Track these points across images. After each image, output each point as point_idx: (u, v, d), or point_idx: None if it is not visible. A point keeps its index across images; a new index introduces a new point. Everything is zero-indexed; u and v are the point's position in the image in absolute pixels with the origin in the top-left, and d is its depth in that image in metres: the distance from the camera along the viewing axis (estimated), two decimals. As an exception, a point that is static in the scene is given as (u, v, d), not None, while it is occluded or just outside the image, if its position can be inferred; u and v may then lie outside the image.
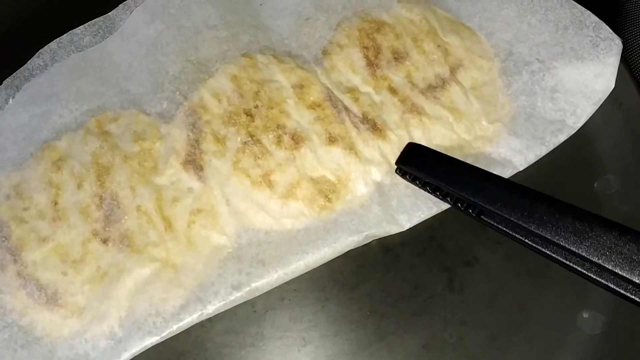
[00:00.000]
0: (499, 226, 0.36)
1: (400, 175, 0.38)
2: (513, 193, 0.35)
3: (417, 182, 0.38)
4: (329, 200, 0.38)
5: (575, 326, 0.36)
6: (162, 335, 0.34)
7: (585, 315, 0.36)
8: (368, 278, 0.38)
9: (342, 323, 0.37)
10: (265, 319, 0.36)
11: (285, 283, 0.37)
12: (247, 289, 0.35)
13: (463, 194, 0.36)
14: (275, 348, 0.36)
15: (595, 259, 0.32)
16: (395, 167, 0.39)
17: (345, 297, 0.37)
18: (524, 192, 0.35)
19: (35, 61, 0.42)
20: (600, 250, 0.32)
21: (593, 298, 0.37)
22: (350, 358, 0.36)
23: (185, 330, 0.35)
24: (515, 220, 0.34)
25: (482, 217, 0.36)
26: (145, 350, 0.34)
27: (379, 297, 0.37)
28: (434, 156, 0.38)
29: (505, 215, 0.34)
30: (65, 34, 0.43)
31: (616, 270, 0.31)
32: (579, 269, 0.34)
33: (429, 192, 0.38)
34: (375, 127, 0.40)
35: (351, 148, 0.39)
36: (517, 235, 0.35)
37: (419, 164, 0.38)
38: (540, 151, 0.39)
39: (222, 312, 0.36)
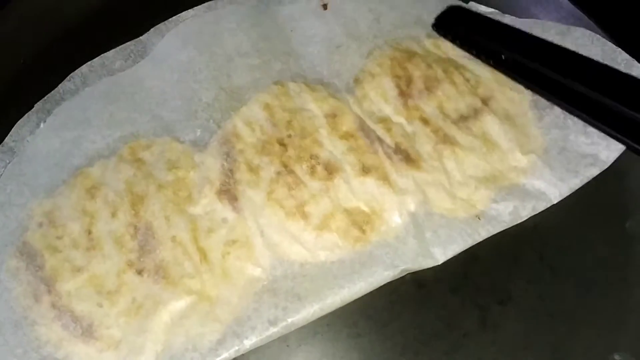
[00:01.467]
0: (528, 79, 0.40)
1: (439, 34, 0.43)
2: (544, 45, 0.40)
3: (457, 42, 0.42)
4: (364, 231, 0.38)
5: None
6: (200, 371, 0.34)
7: (617, 357, 0.36)
8: (400, 314, 0.37)
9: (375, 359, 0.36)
10: (298, 354, 0.36)
11: (319, 318, 0.36)
12: (284, 324, 0.35)
13: (501, 46, 0.40)
14: None
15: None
16: (434, 23, 0.43)
17: (377, 334, 0.37)
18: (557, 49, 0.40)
19: (66, 85, 0.42)
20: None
21: (625, 340, 0.37)
22: None
23: None
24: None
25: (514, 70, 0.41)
26: None
27: (411, 334, 0.37)
28: (472, 16, 0.43)
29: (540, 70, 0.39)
30: (97, 58, 0.42)
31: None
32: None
33: (465, 49, 0.42)
34: (408, 157, 0.40)
35: (385, 178, 0.39)
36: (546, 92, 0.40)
37: (459, 24, 0.43)
38: (574, 184, 0.39)
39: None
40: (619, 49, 0.42)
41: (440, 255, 0.38)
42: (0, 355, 0.33)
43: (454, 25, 0.43)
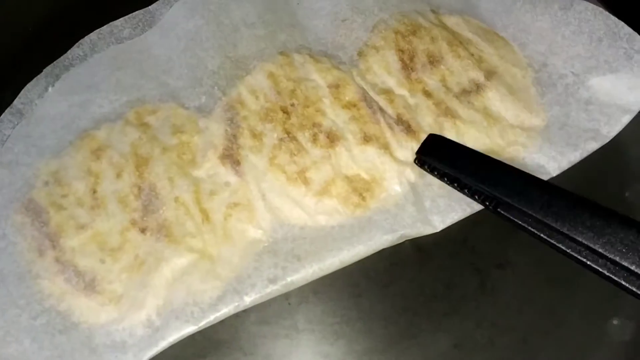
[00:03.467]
0: (516, 220, 0.35)
1: (419, 166, 0.38)
2: (531, 186, 0.35)
3: (436, 173, 0.38)
4: (363, 198, 0.38)
5: (605, 332, 0.36)
6: (200, 325, 0.34)
7: (615, 322, 0.37)
8: (401, 276, 0.38)
9: (374, 319, 0.37)
10: (299, 311, 0.37)
11: (319, 277, 0.37)
12: (283, 282, 0.36)
13: (481, 185, 0.36)
14: (308, 341, 0.36)
15: (612, 256, 0.32)
16: (415, 156, 0.39)
17: (378, 294, 0.37)
18: (542, 186, 0.35)
19: (75, 51, 0.42)
20: (617, 247, 0.32)
21: (623, 305, 0.37)
22: (382, 354, 0.36)
23: (220, 320, 0.35)
24: (532, 214, 0.34)
25: (499, 210, 0.36)
26: (181, 340, 0.34)
27: (411, 295, 0.37)
28: (454, 147, 0.38)
29: (523, 209, 0.34)
30: (105, 26, 0.43)
31: (632, 268, 0.31)
32: (595, 266, 0.33)
33: (446, 183, 0.38)
34: (409, 128, 0.41)
35: (386, 148, 0.40)
36: (533, 230, 0.35)
37: (438, 155, 0.38)
38: (574, 158, 0.40)
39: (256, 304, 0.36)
40: (622, 23, 0.42)
41: (439, 223, 0.38)
42: (3, 306, 0.34)
43: (434, 158, 0.38)
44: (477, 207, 0.39)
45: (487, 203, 0.36)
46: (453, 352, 0.36)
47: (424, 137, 0.40)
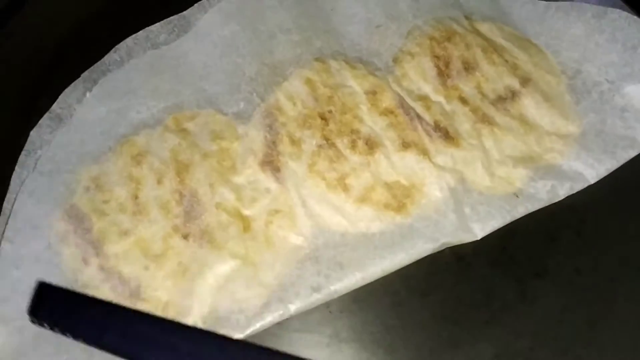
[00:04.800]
0: None
1: (38, 325, 0.32)
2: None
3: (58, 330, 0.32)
4: (404, 204, 0.38)
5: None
6: (246, 333, 0.34)
7: (655, 334, 0.37)
8: (440, 285, 0.38)
9: (414, 329, 0.37)
10: (340, 320, 0.37)
11: (360, 287, 0.37)
12: (327, 291, 0.36)
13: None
14: (349, 349, 0.36)
15: None
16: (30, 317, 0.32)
17: (417, 303, 0.37)
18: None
19: (112, 56, 0.42)
20: None
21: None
22: None
23: (266, 327, 0.35)
24: None
25: None
26: None
27: (451, 304, 0.37)
28: (76, 299, 0.33)
29: None
30: (141, 31, 0.43)
31: None
32: None
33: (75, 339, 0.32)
34: (447, 135, 0.41)
35: (425, 154, 0.40)
36: None
37: (57, 310, 0.32)
38: (611, 165, 0.40)
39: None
40: None
41: (479, 230, 0.38)
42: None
43: (52, 312, 0.32)
44: (517, 214, 0.39)
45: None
46: (495, 362, 0.36)
47: (462, 143, 0.40)
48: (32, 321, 0.32)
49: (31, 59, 0.44)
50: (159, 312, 0.34)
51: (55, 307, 0.32)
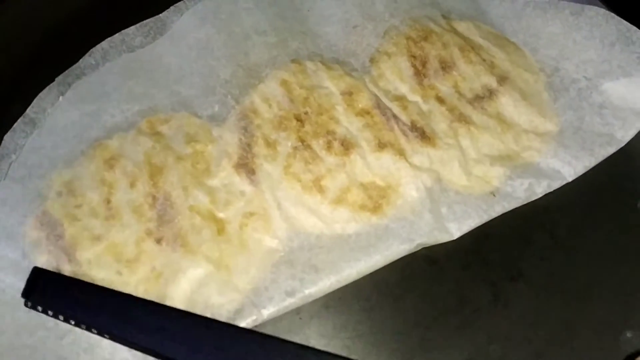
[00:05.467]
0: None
1: (32, 308, 0.33)
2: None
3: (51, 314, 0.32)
4: (380, 205, 0.38)
5: (619, 345, 0.36)
6: (217, 338, 0.34)
7: (629, 334, 0.36)
8: (412, 289, 0.38)
9: (386, 334, 0.36)
10: (310, 326, 0.36)
11: (331, 291, 0.36)
12: (300, 295, 0.35)
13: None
14: None
15: None
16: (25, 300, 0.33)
17: (389, 308, 0.37)
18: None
19: (87, 60, 0.42)
20: None
21: (637, 318, 0.37)
22: None
23: None
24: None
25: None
26: None
27: (423, 309, 0.37)
28: (69, 283, 0.34)
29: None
30: (117, 34, 0.43)
31: None
32: None
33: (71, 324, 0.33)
34: (424, 135, 0.40)
35: (401, 154, 0.39)
36: None
37: (50, 294, 0.33)
38: (589, 162, 0.40)
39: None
40: (634, 27, 0.42)
41: (455, 230, 0.38)
42: (33, 329, 0.34)
43: (45, 296, 0.33)
44: (494, 213, 0.39)
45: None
46: (466, 367, 0.35)
47: (439, 142, 0.40)
48: (26, 304, 0.33)
49: (5, 62, 0.44)
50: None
51: (49, 291, 0.33)
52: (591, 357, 0.36)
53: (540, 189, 0.39)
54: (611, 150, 0.40)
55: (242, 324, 0.34)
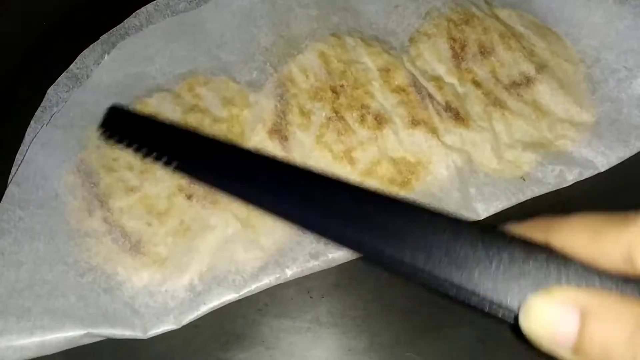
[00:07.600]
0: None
1: (105, 140, 0.32)
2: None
3: (125, 144, 0.31)
4: (409, 180, 0.38)
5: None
6: (241, 293, 0.35)
7: None
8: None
9: (396, 312, 0.36)
10: (320, 305, 0.36)
11: (340, 270, 0.37)
12: (324, 258, 0.36)
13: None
14: (330, 334, 0.36)
15: None
16: (101, 130, 0.33)
17: (400, 287, 0.37)
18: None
19: (131, 21, 0.43)
20: None
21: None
22: (405, 347, 0.35)
23: (242, 313, 0.35)
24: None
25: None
26: (203, 330, 0.35)
27: (435, 288, 0.37)
28: (143, 120, 0.33)
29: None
30: (162, -2, 0.44)
31: None
32: None
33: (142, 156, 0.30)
34: (457, 115, 0.40)
35: (434, 132, 0.40)
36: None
37: (125, 127, 0.32)
38: (624, 154, 0.39)
39: (277, 297, 0.36)
40: None
41: (482, 210, 0.38)
42: (52, 262, 0.35)
43: (120, 130, 0.32)
44: (522, 197, 0.38)
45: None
46: (477, 346, 0.35)
47: (472, 124, 0.40)
48: (101, 135, 0.32)
49: (51, 17, 0.45)
50: (156, 265, 0.35)
51: (122, 124, 0.33)
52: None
53: (572, 176, 0.39)
54: (647, 143, 0.40)
55: (266, 280, 0.35)
